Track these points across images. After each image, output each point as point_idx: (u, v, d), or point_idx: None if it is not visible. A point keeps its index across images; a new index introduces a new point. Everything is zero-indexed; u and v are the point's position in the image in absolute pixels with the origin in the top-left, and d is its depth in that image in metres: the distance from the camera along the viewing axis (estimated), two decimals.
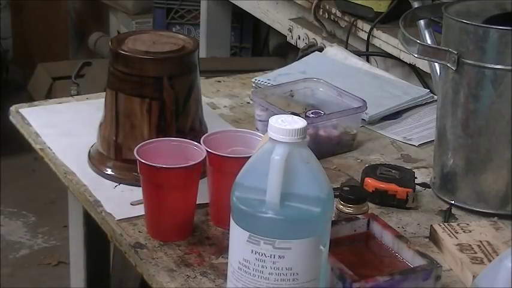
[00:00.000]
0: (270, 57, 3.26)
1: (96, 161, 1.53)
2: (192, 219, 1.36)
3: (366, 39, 2.14)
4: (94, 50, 3.64)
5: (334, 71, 1.90)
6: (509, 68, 1.36)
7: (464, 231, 1.34)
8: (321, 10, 2.33)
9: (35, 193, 3.44)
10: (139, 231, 1.35)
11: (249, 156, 1.11)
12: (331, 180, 1.19)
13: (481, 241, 1.31)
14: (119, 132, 1.49)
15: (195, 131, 1.51)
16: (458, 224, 1.37)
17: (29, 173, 3.55)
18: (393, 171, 1.47)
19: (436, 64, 1.59)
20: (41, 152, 1.60)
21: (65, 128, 1.67)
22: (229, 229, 1.10)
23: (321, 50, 2.13)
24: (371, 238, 1.27)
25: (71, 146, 1.59)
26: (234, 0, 2.91)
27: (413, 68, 2.05)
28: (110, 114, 1.50)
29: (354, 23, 2.19)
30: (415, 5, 1.81)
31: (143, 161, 1.30)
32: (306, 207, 1.06)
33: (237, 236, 1.08)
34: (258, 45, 3.44)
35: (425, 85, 1.98)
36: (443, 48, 1.42)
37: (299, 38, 2.43)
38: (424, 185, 1.52)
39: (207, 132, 1.45)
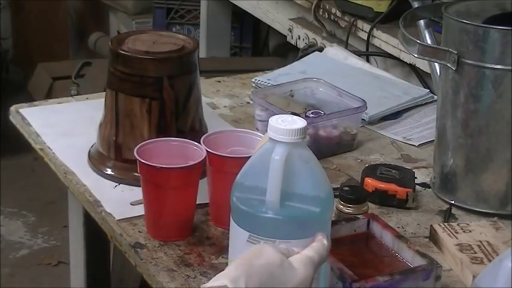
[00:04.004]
0: (270, 57, 3.26)
1: (96, 161, 1.53)
2: (192, 219, 1.36)
3: (366, 39, 2.14)
4: (94, 50, 3.64)
5: (334, 71, 1.90)
6: (509, 68, 1.36)
7: (464, 231, 1.34)
8: (321, 10, 2.33)
9: (35, 193, 3.44)
10: (139, 231, 1.35)
11: (249, 156, 1.11)
12: (331, 180, 1.19)
13: (481, 241, 1.31)
14: (118, 132, 1.49)
15: (195, 131, 1.51)
16: (458, 224, 1.37)
17: (29, 173, 3.55)
18: (393, 171, 1.47)
19: (436, 64, 1.59)
20: (41, 152, 1.60)
21: (65, 128, 1.67)
22: (229, 229, 1.10)
23: (321, 50, 2.13)
24: (371, 238, 1.27)
25: (71, 146, 1.59)
26: (234, 0, 2.91)
27: (413, 68, 2.05)
28: (110, 114, 1.50)
29: (354, 23, 2.19)
30: (415, 5, 1.81)
31: (143, 161, 1.30)
32: (306, 207, 1.06)
33: (237, 236, 1.08)
34: (258, 45, 3.43)
35: (425, 85, 1.98)
36: (443, 48, 1.42)
37: (299, 38, 2.43)
38: (424, 185, 1.52)
39: (207, 132, 1.45)
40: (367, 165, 1.53)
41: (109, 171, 1.50)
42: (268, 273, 0.96)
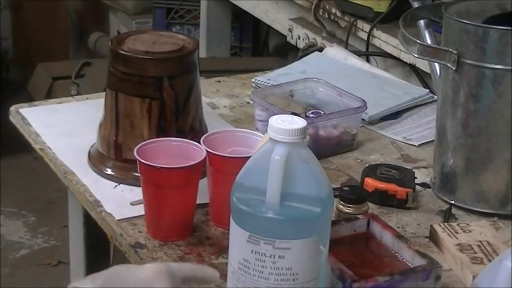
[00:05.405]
0: (270, 57, 3.26)
1: (96, 161, 1.53)
2: (192, 219, 1.36)
3: (366, 39, 2.14)
4: (94, 50, 3.64)
5: (334, 71, 1.90)
6: (509, 68, 1.36)
7: (464, 231, 1.34)
8: (321, 10, 2.33)
9: (35, 193, 3.44)
10: (139, 231, 1.35)
11: (249, 156, 1.11)
12: (331, 180, 1.19)
13: (481, 241, 1.31)
14: (119, 132, 1.49)
15: (195, 131, 1.51)
16: (458, 224, 1.37)
17: (29, 173, 3.55)
18: (393, 171, 1.47)
19: (436, 64, 1.59)
20: (41, 152, 1.60)
21: (65, 128, 1.67)
22: (229, 229, 1.10)
23: (321, 50, 2.13)
24: (371, 238, 1.27)
25: (71, 146, 1.59)
26: (234, 0, 2.91)
27: (413, 68, 2.05)
28: (110, 114, 1.50)
29: (354, 23, 2.19)
30: (415, 5, 1.81)
31: (143, 161, 1.30)
32: (306, 207, 1.06)
33: (237, 236, 1.08)
34: (258, 45, 3.44)
35: (425, 85, 1.98)
36: (443, 48, 1.42)
37: (299, 38, 2.43)
38: (424, 185, 1.52)
39: (207, 132, 1.45)
40: (367, 165, 1.53)
41: (109, 171, 1.50)
42: (114, 274, 1.06)
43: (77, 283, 1.03)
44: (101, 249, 1.88)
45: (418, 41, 1.45)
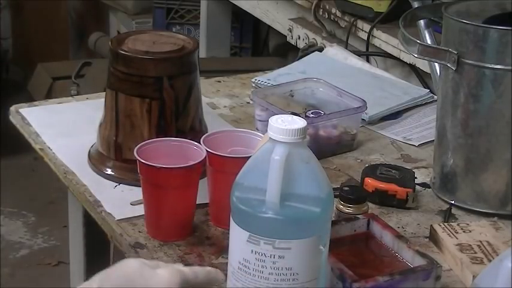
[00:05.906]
0: (270, 57, 3.26)
1: (96, 161, 1.53)
2: (192, 219, 1.36)
3: (366, 39, 2.14)
4: (94, 50, 3.64)
5: (334, 71, 1.90)
6: (509, 68, 1.36)
7: (464, 231, 1.34)
8: (321, 10, 2.33)
9: (35, 193, 3.44)
10: (139, 231, 1.35)
11: (249, 156, 1.11)
12: (331, 180, 1.19)
13: (481, 241, 1.31)
14: (119, 132, 1.49)
15: (195, 131, 1.51)
16: (458, 224, 1.37)
17: (29, 173, 3.55)
18: (393, 171, 1.47)
19: (436, 64, 1.59)
20: (41, 152, 1.60)
21: (65, 128, 1.67)
22: (229, 229, 1.10)
23: (321, 50, 2.13)
24: (371, 238, 1.27)
25: (71, 146, 1.59)
26: (234, 0, 2.91)
27: (413, 68, 2.05)
28: (110, 114, 1.50)
29: (354, 23, 2.19)
30: (415, 5, 1.81)
31: (143, 161, 1.30)
32: (306, 207, 1.06)
33: (237, 236, 1.08)
34: (258, 45, 3.44)
35: (425, 85, 1.98)
36: (443, 48, 1.42)
37: (299, 38, 2.43)
38: (424, 185, 1.52)
39: (207, 132, 1.45)
40: (367, 165, 1.53)
41: (109, 171, 1.50)
42: (126, 280, 0.99)
43: (86, 284, 0.98)
44: (100, 249, 1.88)
45: (418, 41, 1.45)
